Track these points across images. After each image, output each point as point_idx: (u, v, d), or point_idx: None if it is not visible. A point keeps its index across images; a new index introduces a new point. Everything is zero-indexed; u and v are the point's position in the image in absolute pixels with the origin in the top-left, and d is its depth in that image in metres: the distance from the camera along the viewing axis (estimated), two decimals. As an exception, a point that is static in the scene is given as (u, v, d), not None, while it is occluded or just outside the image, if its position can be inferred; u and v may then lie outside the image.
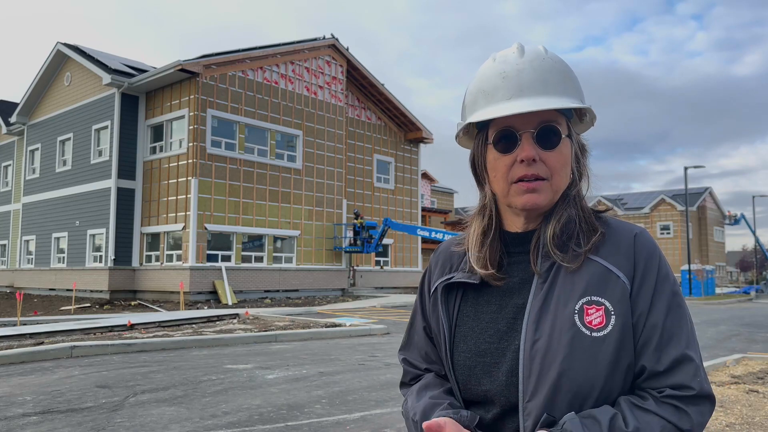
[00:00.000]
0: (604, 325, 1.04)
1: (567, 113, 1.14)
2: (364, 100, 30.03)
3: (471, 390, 1.13)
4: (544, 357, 1.04)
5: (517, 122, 1.10)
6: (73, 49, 25.76)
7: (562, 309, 1.06)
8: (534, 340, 1.06)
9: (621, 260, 1.09)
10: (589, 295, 1.06)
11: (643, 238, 1.12)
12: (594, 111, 1.16)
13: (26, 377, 7.50)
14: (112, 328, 12.36)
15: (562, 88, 1.10)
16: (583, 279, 1.08)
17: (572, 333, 1.04)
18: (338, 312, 18.12)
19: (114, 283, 22.71)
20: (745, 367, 8.18)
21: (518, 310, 1.11)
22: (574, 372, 1.02)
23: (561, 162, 1.11)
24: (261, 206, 23.73)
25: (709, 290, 35.18)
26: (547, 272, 1.10)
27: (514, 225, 1.18)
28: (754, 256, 64.91)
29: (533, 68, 1.10)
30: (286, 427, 5.22)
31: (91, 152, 24.64)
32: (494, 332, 1.12)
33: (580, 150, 1.17)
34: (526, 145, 1.09)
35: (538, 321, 1.07)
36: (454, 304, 1.20)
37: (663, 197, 63.51)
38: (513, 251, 1.17)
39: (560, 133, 1.10)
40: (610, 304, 1.05)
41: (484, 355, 1.12)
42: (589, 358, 1.03)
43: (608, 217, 1.17)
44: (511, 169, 1.10)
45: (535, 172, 1.09)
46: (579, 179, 1.16)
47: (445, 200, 56.02)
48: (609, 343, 1.04)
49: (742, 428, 5.01)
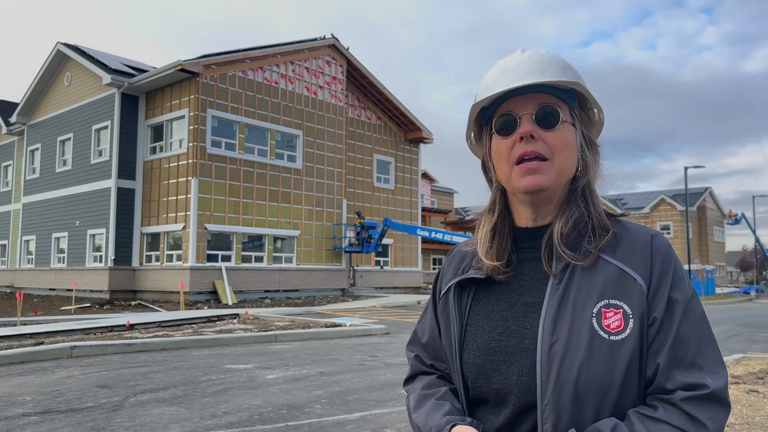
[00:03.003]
0: (622, 329, 1.04)
1: (570, 103, 1.15)
2: (364, 100, 30.03)
3: (480, 389, 1.13)
4: (562, 360, 1.03)
5: (517, 107, 1.13)
6: (73, 49, 25.76)
7: (580, 312, 1.05)
8: (551, 342, 1.05)
9: (638, 263, 1.08)
10: (607, 298, 1.06)
11: (659, 240, 1.11)
12: (599, 102, 1.17)
13: (26, 377, 7.50)
14: (112, 328, 12.36)
15: (558, 75, 1.12)
16: (600, 281, 1.07)
17: (590, 336, 1.03)
18: (338, 312, 18.11)
19: (114, 283, 22.71)
20: (745, 367, 8.18)
21: (528, 308, 1.11)
22: (592, 376, 1.02)
23: (562, 142, 1.11)
24: (261, 206, 23.74)
25: (709, 290, 35.19)
26: (562, 272, 1.10)
27: (524, 218, 1.18)
28: (754, 256, 64.92)
29: (532, 60, 1.14)
30: (286, 427, 5.22)
31: (91, 152, 24.64)
32: (503, 330, 1.12)
33: (588, 143, 1.18)
34: (525, 123, 1.11)
35: (555, 323, 1.06)
36: (466, 302, 1.20)
37: (663, 197, 63.53)
38: (523, 247, 1.17)
39: (559, 114, 1.12)
40: (629, 308, 1.05)
41: (493, 353, 1.11)
42: (608, 362, 1.02)
43: (623, 219, 1.17)
44: (511, 151, 1.12)
45: (534, 149, 1.10)
46: (586, 171, 1.16)
47: (445, 200, 56.00)
48: (627, 346, 1.03)
49: (742, 428, 5.01)
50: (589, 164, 1.16)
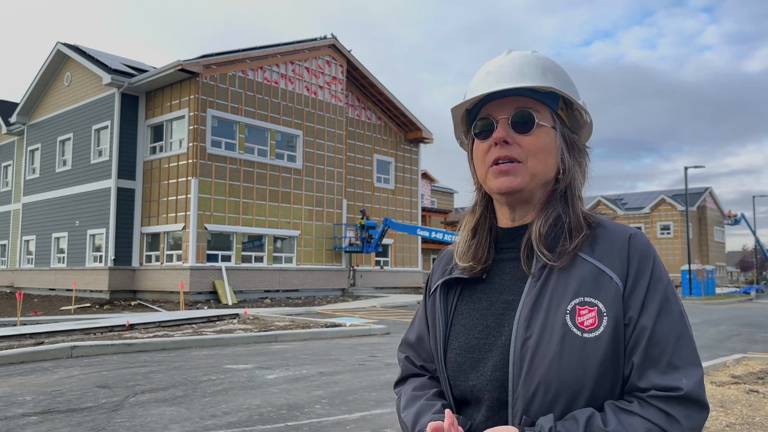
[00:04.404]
0: (596, 327, 1.04)
1: (551, 105, 1.15)
2: (364, 100, 30.03)
3: (459, 386, 1.14)
4: (533, 355, 1.04)
5: (494, 111, 1.15)
6: (73, 49, 25.76)
7: (555, 309, 1.06)
8: (525, 338, 1.06)
9: (614, 261, 1.09)
10: (582, 295, 1.06)
11: (638, 239, 1.11)
12: (583, 105, 1.17)
13: (26, 377, 7.50)
14: (112, 328, 12.36)
15: (538, 78, 1.13)
16: (576, 279, 1.08)
17: (563, 333, 1.04)
18: (338, 312, 18.11)
19: (114, 283, 22.71)
20: (745, 367, 8.18)
21: (507, 305, 1.12)
22: (563, 372, 1.02)
23: (536, 146, 1.12)
24: (261, 206, 23.74)
25: (709, 290, 35.18)
26: (540, 271, 1.11)
27: (504, 219, 1.20)
28: (754, 256, 64.92)
29: (513, 63, 1.15)
30: (286, 427, 5.22)
31: (91, 152, 24.64)
32: (483, 328, 1.13)
33: (570, 146, 1.17)
34: (500, 128, 1.13)
35: (530, 319, 1.07)
36: (452, 302, 1.21)
37: (663, 197, 63.53)
38: (504, 247, 1.19)
39: (534, 119, 1.12)
40: (603, 306, 1.05)
41: (472, 350, 1.13)
42: (579, 358, 1.03)
43: (603, 219, 1.17)
44: (487, 154, 1.14)
45: (508, 154, 1.12)
46: (566, 174, 1.16)
47: (445, 200, 56.02)
48: (600, 344, 1.03)
49: (742, 428, 5.01)
50: (568, 167, 1.16)
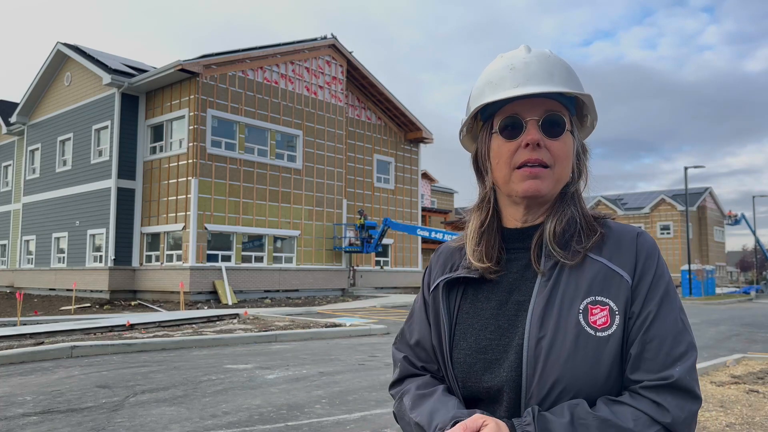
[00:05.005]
0: (608, 325, 1.05)
1: (570, 110, 1.16)
2: (364, 100, 30.03)
3: (470, 387, 1.12)
4: (548, 355, 1.04)
5: (523, 110, 1.12)
6: (73, 49, 25.76)
7: (567, 308, 1.07)
8: (538, 338, 1.06)
9: (623, 259, 1.10)
10: (593, 295, 1.07)
11: (645, 238, 1.14)
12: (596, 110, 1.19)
13: (26, 377, 7.50)
14: (112, 328, 12.36)
15: (566, 81, 1.13)
16: (588, 279, 1.09)
17: (577, 332, 1.05)
18: (338, 312, 18.11)
19: (114, 283, 22.71)
20: (745, 367, 8.18)
21: (519, 306, 1.12)
22: (577, 371, 1.03)
23: (564, 152, 1.13)
24: (261, 206, 23.74)
25: (709, 290, 35.16)
26: (551, 270, 1.11)
27: (513, 219, 1.19)
28: (754, 256, 64.91)
29: (540, 62, 1.13)
30: (286, 427, 5.22)
31: (91, 152, 24.64)
32: (495, 328, 1.12)
33: (582, 150, 1.20)
34: (532, 130, 1.11)
35: (543, 319, 1.07)
36: (455, 301, 1.19)
37: (663, 197, 63.52)
38: (512, 247, 1.18)
39: (564, 124, 1.12)
40: (615, 305, 1.07)
41: (485, 351, 1.11)
42: (593, 358, 1.04)
43: (608, 220, 1.18)
44: (514, 155, 1.12)
45: (539, 157, 1.10)
46: (578, 178, 1.18)
47: (445, 200, 56.01)
48: (613, 343, 1.05)
49: (742, 428, 5.00)
50: (582, 170, 1.18)
